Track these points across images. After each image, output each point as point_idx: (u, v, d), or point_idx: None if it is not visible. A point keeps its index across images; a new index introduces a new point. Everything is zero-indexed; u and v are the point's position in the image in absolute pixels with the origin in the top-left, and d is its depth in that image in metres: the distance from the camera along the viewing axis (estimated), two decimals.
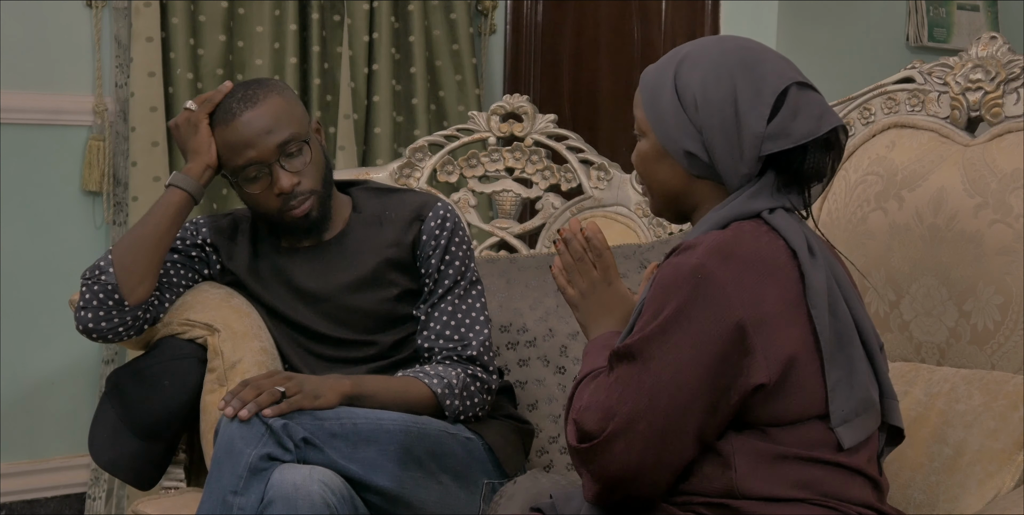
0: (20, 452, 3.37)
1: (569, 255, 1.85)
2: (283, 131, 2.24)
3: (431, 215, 2.34)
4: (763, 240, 1.67)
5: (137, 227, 2.29)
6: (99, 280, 2.24)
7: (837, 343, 1.68)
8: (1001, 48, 2.14)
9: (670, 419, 1.61)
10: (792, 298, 1.65)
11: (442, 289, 2.32)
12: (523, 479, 1.98)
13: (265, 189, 2.26)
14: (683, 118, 1.72)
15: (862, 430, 1.70)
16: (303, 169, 2.26)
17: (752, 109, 1.69)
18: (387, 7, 3.68)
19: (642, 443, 1.61)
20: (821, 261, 1.69)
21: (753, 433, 1.66)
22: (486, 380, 2.28)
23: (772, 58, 1.74)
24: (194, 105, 2.28)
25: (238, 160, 2.25)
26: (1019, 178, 2.04)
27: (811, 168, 1.72)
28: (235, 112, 2.25)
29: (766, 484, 1.64)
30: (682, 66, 1.74)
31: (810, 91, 1.73)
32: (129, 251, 2.25)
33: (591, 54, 3.89)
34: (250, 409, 1.95)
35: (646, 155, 1.78)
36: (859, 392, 1.70)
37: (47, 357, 3.39)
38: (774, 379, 1.62)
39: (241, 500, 1.93)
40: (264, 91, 2.27)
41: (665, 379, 1.61)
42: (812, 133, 1.69)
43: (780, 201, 1.72)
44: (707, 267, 1.62)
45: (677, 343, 1.61)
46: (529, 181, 2.91)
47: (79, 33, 3.38)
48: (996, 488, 1.90)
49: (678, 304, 1.61)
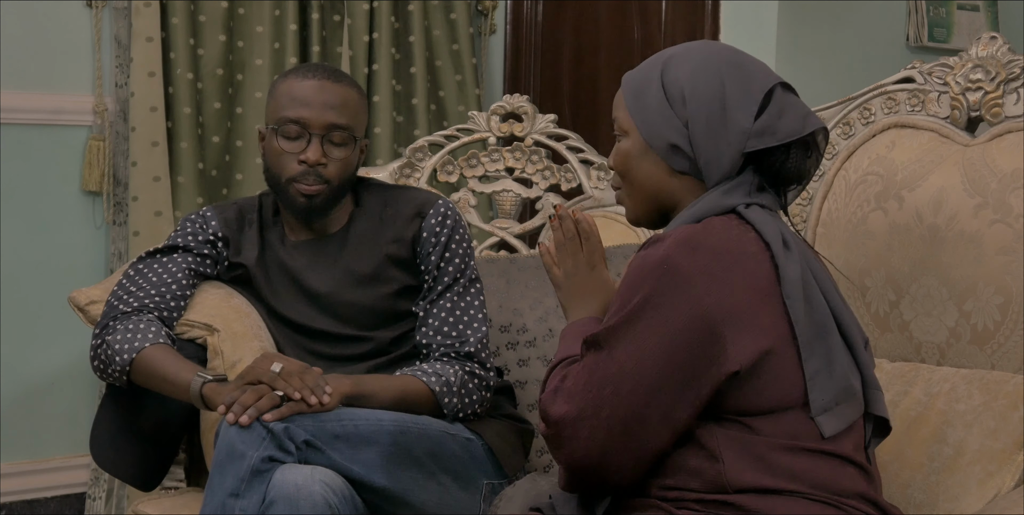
0: (20, 452, 3.37)
1: (561, 232, 1.89)
2: (343, 117, 2.28)
3: (432, 212, 2.34)
4: (733, 232, 1.69)
5: (156, 380, 2.18)
6: (108, 372, 2.23)
7: (815, 333, 1.69)
8: (1001, 48, 2.14)
9: (633, 407, 1.63)
10: (763, 287, 1.67)
11: (441, 286, 2.33)
12: (522, 482, 1.99)
13: (294, 151, 2.28)
14: (669, 112, 1.75)
15: (843, 419, 1.71)
16: (336, 160, 2.28)
17: (740, 105, 1.72)
18: (387, 7, 3.68)
19: (605, 430, 1.64)
20: (796, 253, 1.71)
21: (735, 425, 1.67)
22: (484, 377, 2.28)
23: (756, 61, 1.79)
24: (278, 367, 2.05)
25: (290, 113, 2.27)
26: (1019, 178, 2.04)
27: (792, 169, 1.75)
28: (315, 74, 2.29)
29: (755, 475, 1.65)
30: (669, 64, 1.78)
31: (793, 94, 1.78)
32: (145, 381, 2.22)
33: (591, 54, 3.89)
34: (250, 414, 1.95)
35: (628, 153, 1.81)
36: (839, 381, 1.71)
37: (47, 357, 3.39)
38: (746, 367, 1.64)
39: (242, 503, 1.93)
40: (349, 80, 2.33)
41: (629, 367, 1.64)
42: (797, 132, 1.73)
43: (756, 199, 1.74)
44: (674, 258, 1.64)
45: (642, 332, 1.63)
46: (529, 181, 2.91)
47: (79, 33, 3.38)
48: (996, 488, 1.90)
49: (645, 295, 1.64)
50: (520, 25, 4.01)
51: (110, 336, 2.22)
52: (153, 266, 2.34)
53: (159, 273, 2.33)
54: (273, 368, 2.01)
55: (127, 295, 2.29)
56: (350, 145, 2.29)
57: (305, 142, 2.27)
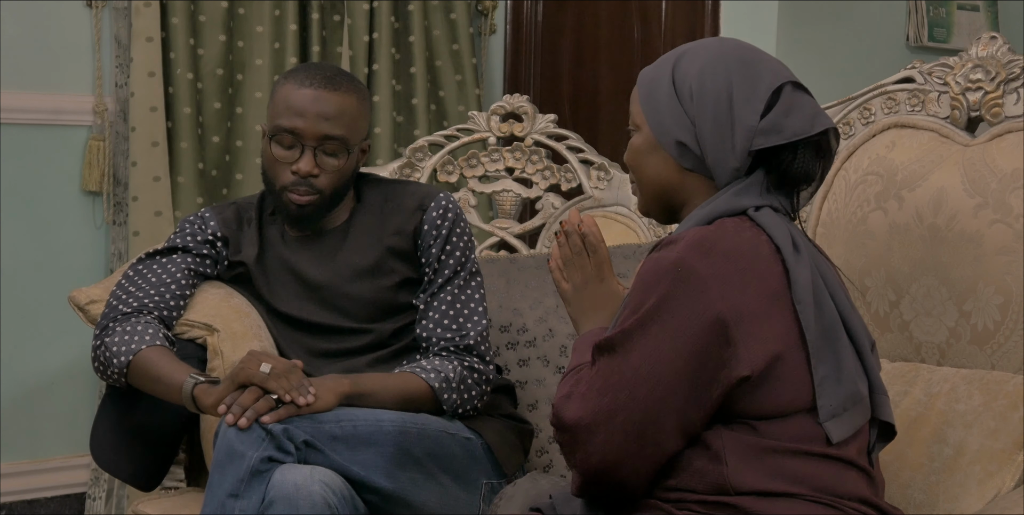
0: (20, 452, 3.37)
1: (568, 248, 1.87)
2: (337, 127, 2.26)
3: (433, 205, 2.34)
4: (745, 235, 1.68)
5: (151, 382, 2.18)
6: (108, 374, 2.23)
7: (824, 338, 1.69)
8: (1001, 48, 2.14)
9: (649, 411, 1.62)
10: (775, 291, 1.66)
11: (442, 279, 2.33)
12: (522, 481, 1.99)
13: (287, 161, 2.28)
14: (678, 109, 1.74)
15: (850, 425, 1.71)
16: (329, 170, 2.27)
17: (746, 103, 1.71)
18: (387, 7, 3.68)
19: (621, 435, 1.63)
20: (805, 257, 1.70)
21: (742, 427, 1.67)
22: (483, 371, 2.28)
23: (769, 59, 1.77)
24: (267, 368, 2.03)
25: (284, 122, 2.27)
26: (1019, 178, 2.04)
27: (800, 169, 1.73)
28: (313, 83, 2.27)
29: (758, 478, 1.65)
30: (681, 60, 1.77)
31: (804, 93, 1.75)
32: (141, 384, 2.22)
33: (591, 54, 3.89)
34: (248, 416, 1.95)
35: (639, 148, 1.79)
36: (847, 386, 1.70)
37: (47, 357, 3.39)
38: (757, 371, 1.63)
39: (242, 503, 1.93)
40: (349, 85, 2.30)
41: (644, 372, 1.62)
42: (804, 132, 1.71)
43: (768, 201, 1.73)
44: (687, 261, 1.63)
45: (656, 336, 1.62)
46: (529, 181, 2.91)
47: (79, 33, 3.38)
48: (996, 488, 1.90)
49: (658, 298, 1.63)
50: (520, 25, 4.01)
51: (108, 338, 2.22)
52: (152, 267, 2.34)
53: (158, 274, 2.33)
54: (262, 369, 2.00)
55: (126, 296, 2.29)
56: (343, 155, 2.29)
57: (298, 152, 2.27)
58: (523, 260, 2.67)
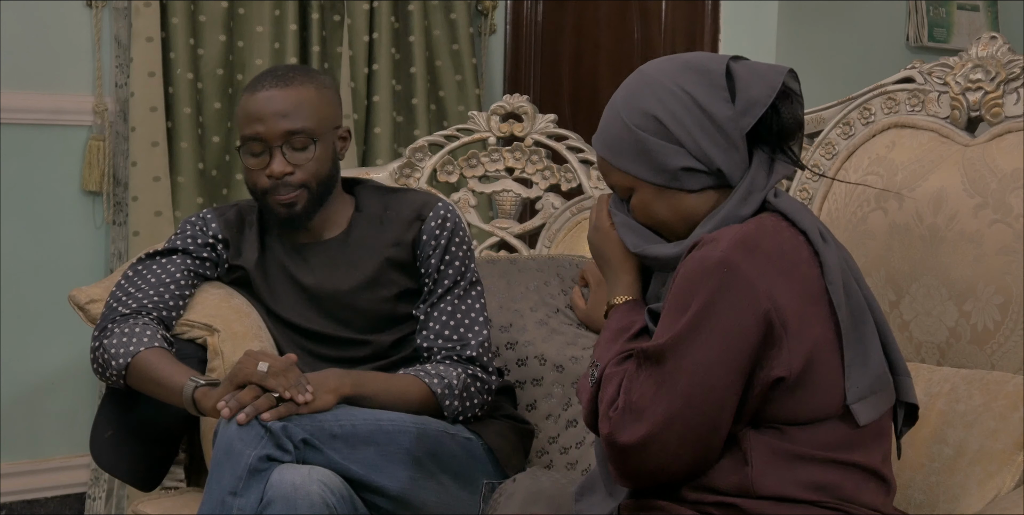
0: (20, 452, 3.37)
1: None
2: (297, 121, 2.25)
3: (431, 215, 2.34)
4: (784, 235, 1.69)
5: (150, 384, 2.18)
6: (107, 375, 2.23)
7: (851, 322, 1.69)
8: (1001, 48, 2.14)
9: (706, 417, 1.62)
10: (812, 293, 1.66)
11: (441, 289, 2.32)
12: (523, 477, 1.98)
13: (260, 167, 2.27)
14: (658, 144, 1.72)
15: (876, 408, 1.71)
16: (303, 164, 2.27)
17: (712, 98, 1.71)
18: (387, 7, 3.68)
19: (677, 442, 1.63)
20: (832, 244, 1.71)
21: (771, 431, 1.67)
22: (486, 380, 2.28)
23: (694, 54, 1.78)
24: (265, 367, 2.04)
25: (246, 130, 2.26)
26: (1019, 178, 2.04)
27: (789, 119, 1.75)
28: (264, 85, 2.27)
29: (781, 484, 1.65)
30: (623, 111, 1.76)
31: (743, 60, 1.76)
32: (141, 386, 2.22)
33: (591, 54, 3.89)
34: (248, 413, 1.95)
35: (646, 204, 1.77)
36: (874, 369, 1.71)
37: (47, 357, 3.39)
38: (794, 374, 1.63)
39: (240, 501, 1.93)
40: (302, 78, 2.28)
41: (699, 378, 1.61)
42: (772, 89, 1.71)
43: (778, 174, 1.73)
44: (733, 259, 1.62)
45: (707, 340, 1.61)
46: (529, 181, 2.91)
47: (79, 33, 3.38)
48: (996, 488, 1.90)
49: (706, 298, 1.62)
50: (520, 25, 4.01)
51: (107, 340, 2.21)
52: (152, 267, 2.34)
53: (158, 274, 2.33)
54: (260, 368, 2.00)
55: (125, 296, 2.29)
56: (310, 146, 2.27)
57: (268, 155, 2.26)
58: (523, 261, 2.67)
